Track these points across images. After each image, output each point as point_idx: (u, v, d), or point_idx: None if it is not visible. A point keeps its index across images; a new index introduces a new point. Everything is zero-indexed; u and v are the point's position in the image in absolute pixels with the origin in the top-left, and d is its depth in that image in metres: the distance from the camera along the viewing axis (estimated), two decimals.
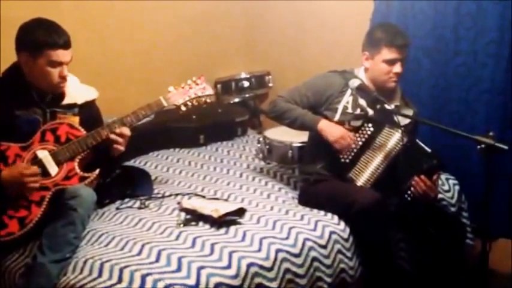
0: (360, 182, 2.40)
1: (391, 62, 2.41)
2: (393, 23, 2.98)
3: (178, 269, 1.94)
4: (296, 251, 2.14)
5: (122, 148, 2.26)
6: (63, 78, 2.23)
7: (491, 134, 2.08)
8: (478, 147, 2.07)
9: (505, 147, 2.02)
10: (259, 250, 2.07)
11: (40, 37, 2.16)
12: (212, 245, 2.07)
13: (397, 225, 2.44)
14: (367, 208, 2.24)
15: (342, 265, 2.25)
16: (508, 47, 2.77)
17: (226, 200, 2.49)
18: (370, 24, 3.17)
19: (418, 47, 2.95)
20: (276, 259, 2.07)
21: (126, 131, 2.27)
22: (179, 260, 1.98)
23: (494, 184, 2.86)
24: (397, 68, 2.42)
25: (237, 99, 3.76)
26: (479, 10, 2.84)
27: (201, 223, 2.24)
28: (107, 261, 1.97)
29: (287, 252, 2.11)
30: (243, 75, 3.81)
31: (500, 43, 2.78)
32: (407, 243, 2.47)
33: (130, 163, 2.90)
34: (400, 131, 2.41)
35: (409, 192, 2.39)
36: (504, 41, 2.77)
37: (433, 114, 3.06)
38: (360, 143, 2.42)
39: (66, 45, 2.20)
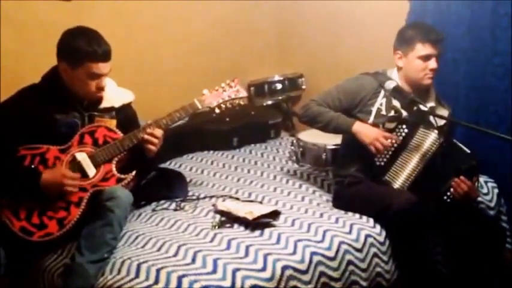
0: (396, 184, 2.37)
1: (426, 58, 2.38)
2: (428, 22, 2.95)
3: (214, 271, 1.95)
4: (331, 254, 2.12)
5: (154, 149, 2.28)
6: (101, 89, 2.26)
7: None
8: None
9: None
10: (294, 253, 2.07)
11: (81, 48, 2.18)
12: (247, 247, 2.07)
13: (435, 228, 2.40)
14: (404, 211, 2.21)
15: (377, 269, 2.22)
16: None
17: (260, 202, 2.49)
18: (408, 19, 3.13)
19: (454, 48, 2.90)
20: (311, 262, 2.06)
21: (159, 132, 2.29)
22: (214, 262, 1.99)
23: None
24: (433, 63, 2.39)
25: (270, 102, 3.76)
26: None
27: (235, 225, 2.25)
28: (144, 262, 1.99)
29: (322, 255, 2.10)
30: (276, 78, 3.82)
31: None
32: (445, 247, 2.42)
33: (166, 165, 2.93)
34: (436, 131, 2.37)
35: (448, 193, 2.35)
36: None
37: (470, 116, 3.00)
38: (395, 145, 2.39)
39: (107, 57, 2.22)
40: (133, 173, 2.25)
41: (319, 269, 2.08)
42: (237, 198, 2.51)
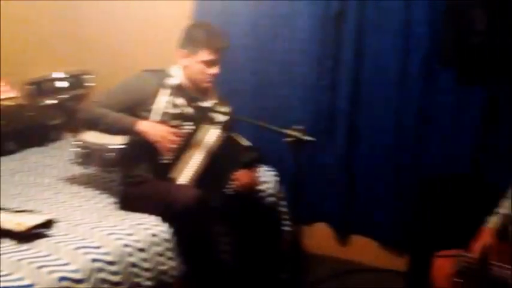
0: (181, 180, 2.38)
1: (208, 63, 2.41)
2: (213, 22, 3.03)
3: None
4: (112, 258, 2.04)
5: None
6: None
7: (299, 127, 2.19)
8: (287, 140, 2.17)
9: (311, 139, 2.14)
10: (71, 262, 1.94)
11: None
12: (17, 262, 1.88)
13: (220, 219, 2.48)
14: (187, 205, 2.23)
15: (162, 267, 2.21)
16: (316, 44, 2.97)
17: (32, 211, 2.27)
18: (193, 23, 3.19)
19: (238, 45, 3.01)
20: (90, 270, 1.96)
21: None
22: None
23: (307, 173, 3.08)
24: (214, 69, 2.43)
25: (51, 101, 3.49)
26: (291, 10, 3.00)
27: (4, 239, 2.03)
28: None
29: (102, 261, 2.01)
30: (58, 75, 3.55)
31: (311, 40, 2.97)
32: (230, 237, 2.51)
33: None
34: (217, 127, 2.44)
35: (230, 186, 2.43)
36: (314, 38, 2.96)
37: (255, 110, 3.16)
38: (180, 142, 2.40)
39: None
40: None
41: (99, 276, 1.98)
42: (8, 209, 2.28)
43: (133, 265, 2.11)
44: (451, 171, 2.81)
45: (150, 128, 2.36)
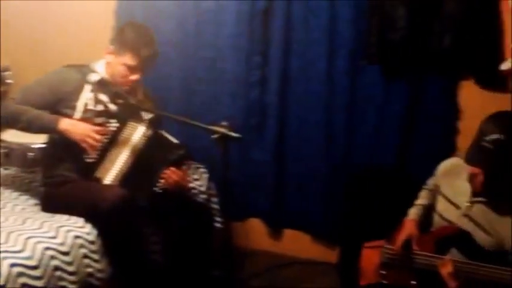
0: (106, 180, 2.31)
1: (130, 69, 2.33)
2: (138, 18, 2.97)
3: None
4: (34, 262, 1.95)
5: None
6: None
7: (225, 123, 2.18)
8: (214, 137, 2.15)
9: (237, 135, 2.13)
10: None
11: None
12: None
13: (148, 219, 2.42)
14: (114, 206, 2.16)
15: (88, 269, 2.14)
16: (246, 40, 2.96)
17: None
18: (116, 18, 3.10)
19: (165, 41, 2.95)
20: (10, 275, 1.86)
21: None
22: None
23: (239, 170, 3.09)
24: (135, 76, 2.35)
25: None
26: (217, 6, 2.98)
27: None
28: None
29: (22, 265, 1.92)
30: None
31: (239, 36, 2.96)
32: (160, 236, 2.47)
33: None
34: (143, 124, 2.38)
35: (159, 184, 2.38)
36: (242, 34, 2.95)
37: (184, 107, 3.13)
38: (105, 140, 2.32)
39: None
40: None
41: (20, 281, 1.89)
42: None
43: (57, 268, 2.02)
44: (378, 164, 2.90)
45: (73, 126, 2.27)
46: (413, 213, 2.18)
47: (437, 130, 2.77)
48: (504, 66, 2.54)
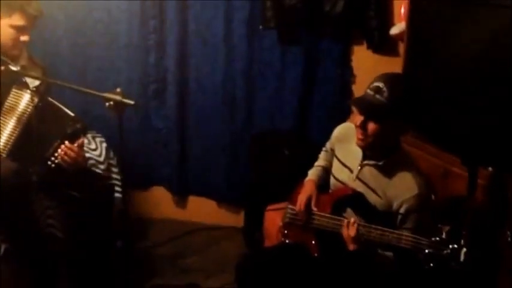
0: None
1: (20, 29, 2.19)
2: None
3: None
4: None
5: None
6: None
7: (118, 90, 2.07)
8: (107, 104, 2.05)
9: (131, 102, 2.03)
10: None
11: None
12: None
13: (43, 193, 2.30)
14: (4, 180, 2.02)
15: None
16: (137, 3, 2.85)
17: None
18: None
19: (51, 3, 2.76)
20: None
21: None
22: None
23: (140, 138, 3.02)
24: (25, 37, 2.21)
25: None
26: None
27: None
28: None
29: None
30: None
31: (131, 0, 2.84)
32: (56, 210, 2.35)
33: None
34: (29, 91, 2.22)
35: (53, 159, 2.25)
36: None
37: (77, 73, 2.98)
38: None
39: None
40: None
41: None
42: None
43: None
44: (277, 128, 2.93)
45: None
46: (312, 173, 2.23)
47: (334, 93, 2.84)
48: (394, 30, 2.64)
